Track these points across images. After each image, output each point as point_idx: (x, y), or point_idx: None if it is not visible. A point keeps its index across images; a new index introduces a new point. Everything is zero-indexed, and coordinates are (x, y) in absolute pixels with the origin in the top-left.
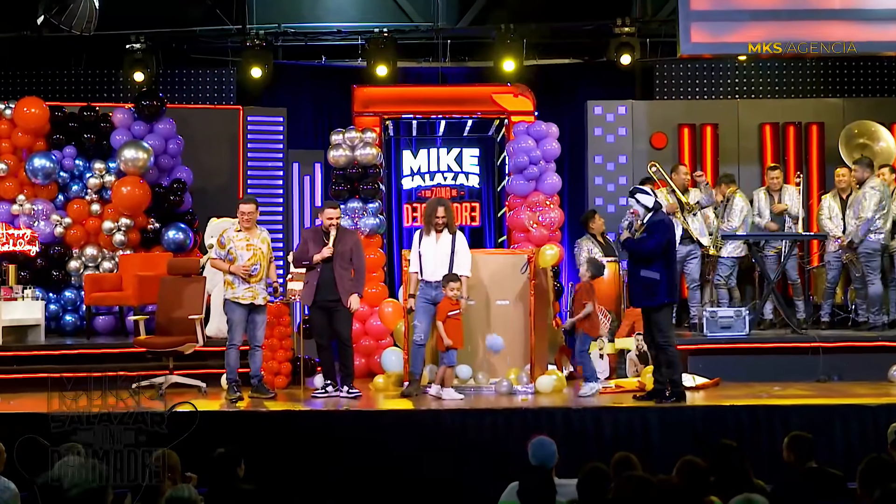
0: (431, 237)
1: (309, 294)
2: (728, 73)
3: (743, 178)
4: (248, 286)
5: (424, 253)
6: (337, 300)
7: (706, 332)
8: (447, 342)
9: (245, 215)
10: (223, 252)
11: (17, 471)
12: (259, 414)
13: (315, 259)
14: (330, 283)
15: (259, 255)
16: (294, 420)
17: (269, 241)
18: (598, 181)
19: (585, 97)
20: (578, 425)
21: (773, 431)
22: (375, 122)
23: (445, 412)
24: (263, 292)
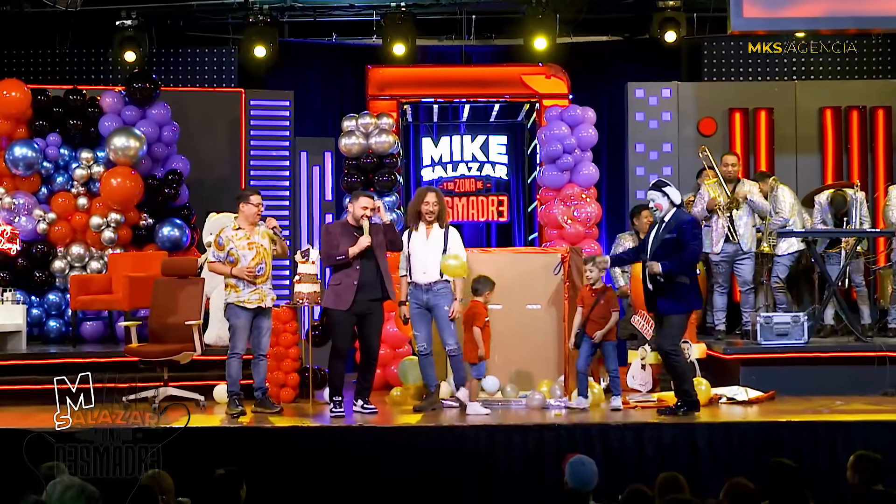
0: (420, 232)
1: (348, 296)
2: (784, 52)
3: (801, 169)
4: (253, 288)
5: (413, 251)
6: (377, 300)
7: (760, 339)
8: (481, 352)
9: (258, 207)
10: (222, 254)
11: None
12: (263, 430)
13: (352, 253)
14: (374, 281)
15: (262, 252)
16: (302, 437)
17: (269, 233)
18: (639, 172)
19: (625, 78)
20: (618, 443)
21: (835, 451)
22: (392, 107)
23: (470, 429)
24: (271, 293)
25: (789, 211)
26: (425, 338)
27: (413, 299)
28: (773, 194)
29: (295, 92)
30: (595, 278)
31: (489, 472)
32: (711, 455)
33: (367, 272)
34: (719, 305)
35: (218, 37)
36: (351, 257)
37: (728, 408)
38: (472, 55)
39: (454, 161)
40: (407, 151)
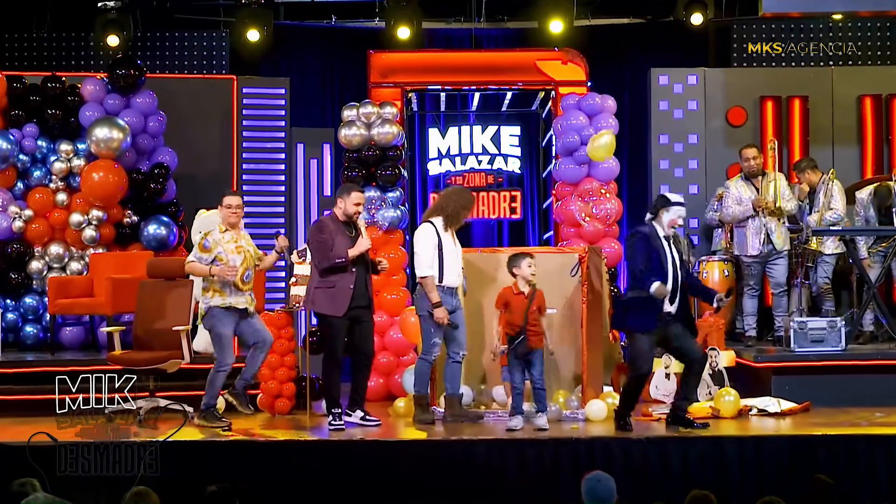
0: (448, 234)
1: (343, 301)
2: (820, 35)
3: (838, 162)
4: (240, 294)
5: (446, 253)
6: (367, 307)
7: (794, 346)
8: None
9: (233, 208)
10: (207, 257)
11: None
12: (258, 444)
13: (352, 255)
14: (364, 286)
15: (249, 259)
16: (299, 451)
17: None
18: (663, 165)
19: (648, 64)
20: (640, 458)
21: (875, 466)
22: (396, 95)
23: (480, 443)
24: (254, 301)
25: (844, 207)
26: (461, 344)
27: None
28: (827, 188)
29: (291, 79)
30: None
31: (501, 489)
32: (742, 471)
33: (360, 276)
34: (750, 310)
35: (208, 19)
36: (350, 259)
37: (759, 420)
38: (482, 39)
39: (463, 153)
40: (412, 143)
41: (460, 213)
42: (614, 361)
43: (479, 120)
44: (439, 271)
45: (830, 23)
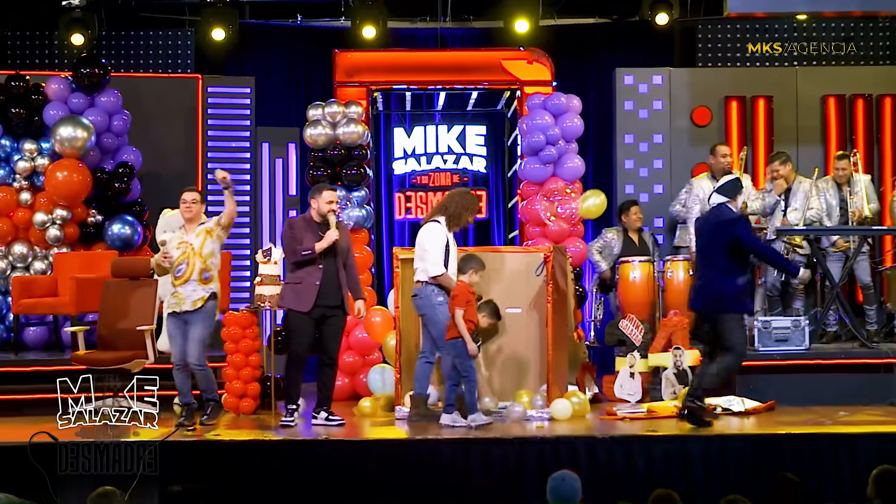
0: (450, 235)
1: (309, 297)
2: (785, 36)
3: (802, 162)
4: (174, 291)
5: (452, 254)
6: (338, 306)
7: (758, 346)
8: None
9: (187, 204)
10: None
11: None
12: (220, 444)
13: (318, 248)
14: (333, 285)
15: (188, 252)
16: (264, 452)
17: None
18: (628, 165)
19: (613, 64)
20: (605, 458)
21: (839, 465)
22: (362, 94)
23: (445, 442)
24: (194, 294)
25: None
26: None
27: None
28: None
29: (256, 78)
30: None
31: (466, 489)
32: (706, 470)
33: (329, 273)
34: None
35: (173, 18)
36: (318, 252)
37: (724, 419)
38: (448, 39)
39: (428, 153)
40: (377, 142)
41: (462, 214)
42: (579, 361)
43: (444, 119)
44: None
45: (795, 23)
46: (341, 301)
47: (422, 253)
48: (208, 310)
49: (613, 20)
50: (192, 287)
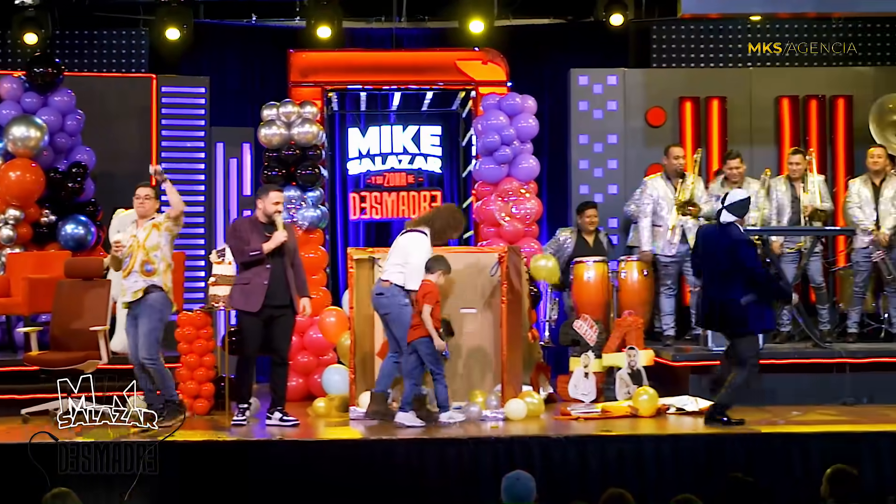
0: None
1: (257, 298)
2: (739, 37)
3: (756, 162)
4: (124, 283)
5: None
6: (286, 306)
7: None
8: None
9: (140, 199)
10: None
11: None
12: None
13: (267, 248)
14: (281, 284)
15: (134, 245)
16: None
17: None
18: (582, 165)
19: (568, 65)
20: (559, 458)
21: (791, 464)
22: (316, 94)
23: (400, 443)
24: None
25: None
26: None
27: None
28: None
29: (211, 78)
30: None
31: (421, 489)
32: (659, 469)
33: (277, 273)
34: (667, 309)
35: (127, 17)
36: (266, 252)
37: (677, 419)
38: (403, 39)
39: (383, 153)
40: (332, 143)
41: (447, 231)
42: (533, 361)
43: (399, 120)
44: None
45: (749, 24)
46: (290, 300)
47: (403, 259)
48: (152, 302)
49: (568, 21)
50: (133, 279)
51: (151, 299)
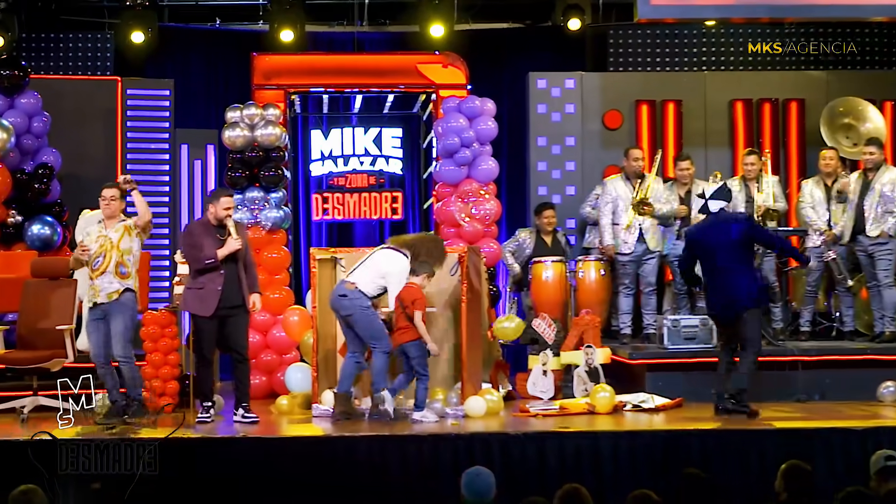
0: None
1: (212, 302)
2: (694, 42)
3: (711, 164)
4: (91, 283)
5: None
6: (240, 305)
7: (667, 344)
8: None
9: (106, 200)
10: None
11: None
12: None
13: (221, 254)
14: (235, 287)
15: (106, 245)
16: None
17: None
18: (541, 167)
19: (527, 68)
20: (518, 454)
21: (747, 460)
22: (279, 97)
23: (362, 439)
24: (110, 287)
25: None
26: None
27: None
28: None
29: (175, 81)
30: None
31: (383, 485)
32: (616, 465)
33: (230, 276)
34: (625, 308)
35: (93, 21)
36: (220, 259)
37: (633, 416)
38: (364, 42)
39: (345, 155)
40: (295, 145)
41: (427, 261)
42: (493, 359)
43: (361, 122)
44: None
45: (704, 29)
46: (243, 300)
47: (380, 275)
48: (125, 302)
49: (527, 25)
50: (108, 279)
51: (124, 299)
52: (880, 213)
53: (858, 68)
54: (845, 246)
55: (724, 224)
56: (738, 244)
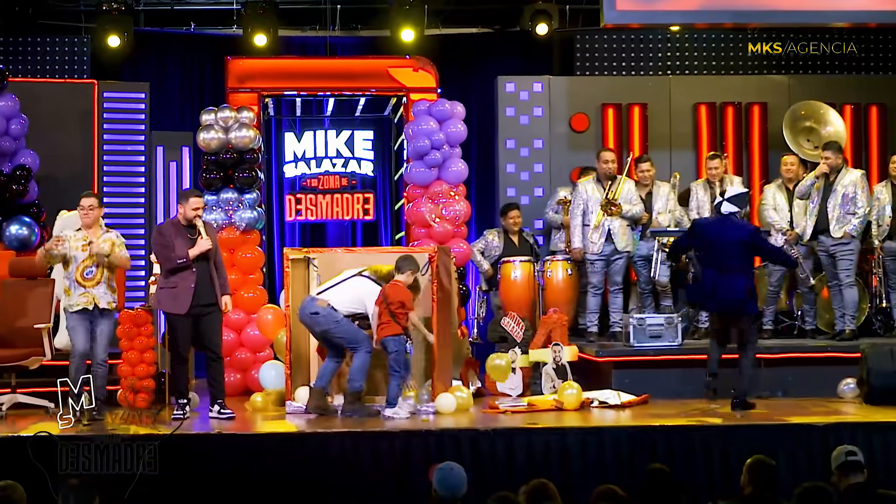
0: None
1: (185, 300)
2: (659, 47)
3: (675, 166)
4: (83, 291)
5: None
6: (212, 304)
7: (633, 342)
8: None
9: (84, 209)
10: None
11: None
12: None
13: (193, 254)
14: (207, 285)
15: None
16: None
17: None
18: (509, 169)
19: (496, 72)
20: (488, 450)
21: (710, 456)
22: (253, 100)
23: (334, 435)
24: (106, 297)
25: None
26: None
27: None
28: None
29: (151, 84)
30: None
31: (355, 480)
32: (583, 461)
33: (202, 274)
34: (592, 307)
35: (70, 25)
36: (191, 259)
37: (600, 412)
38: (336, 47)
39: (318, 157)
40: (268, 146)
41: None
42: (463, 357)
43: (333, 124)
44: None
45: (668, 34)
46: (215, 298)
47: (352, 301)
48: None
49: (496, 30)
50: (103, 290)
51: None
52: (842, 214)
53: (819, 72)
54: (805, 246)
55: (734, 227)
56: (744, 248)
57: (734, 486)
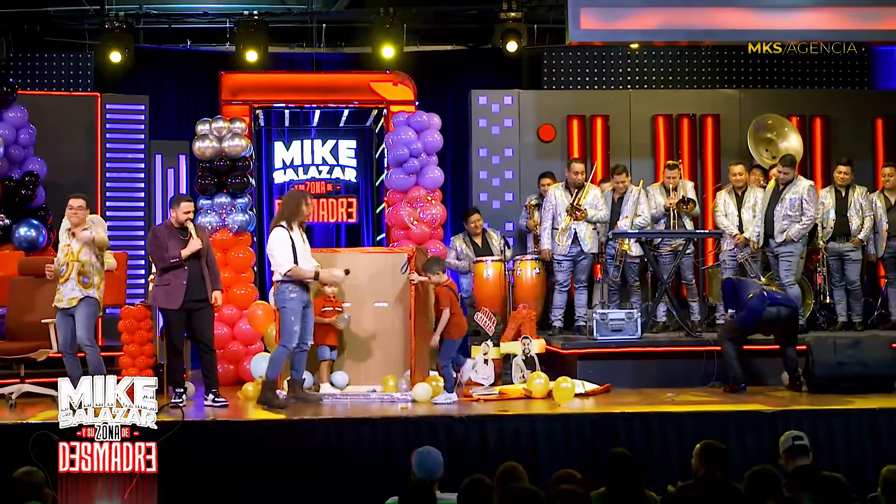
0: (296, 232)
1: (178, 296)
2: (620, 63)
3: (635, 174)
4: (58, 289)
5: (298, 251)
6: (203, 300)
7: (596, 335)
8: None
9: (73, 209)
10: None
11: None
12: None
13: (185, 254)
14: (199, 282)
15: (69, 255)
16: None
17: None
18: (482, 175)
19: (469, 86)
20: (462, 435)
21: (667, 440)
22: (245, 112)
23: (320, 422)
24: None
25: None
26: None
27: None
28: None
29: (150, 96)
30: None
31: (340, 464)
32: (550, 445)
33: (194, 272)
34: (559, 303)
35: (74, 42)
36: (184, 258)
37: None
38: (322, 62)
39: (305, 164)
40: (259, 154)
41: (297, 210)
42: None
43: (319, 134)
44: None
45: (629, 52)
46: (207, 295)
47: (271, 257)
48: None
49: (469, 48)
50: (70, 286)
51: (84, 303)
52: (786, 220)
53: (768, 87)
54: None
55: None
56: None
57: (689, 468)
